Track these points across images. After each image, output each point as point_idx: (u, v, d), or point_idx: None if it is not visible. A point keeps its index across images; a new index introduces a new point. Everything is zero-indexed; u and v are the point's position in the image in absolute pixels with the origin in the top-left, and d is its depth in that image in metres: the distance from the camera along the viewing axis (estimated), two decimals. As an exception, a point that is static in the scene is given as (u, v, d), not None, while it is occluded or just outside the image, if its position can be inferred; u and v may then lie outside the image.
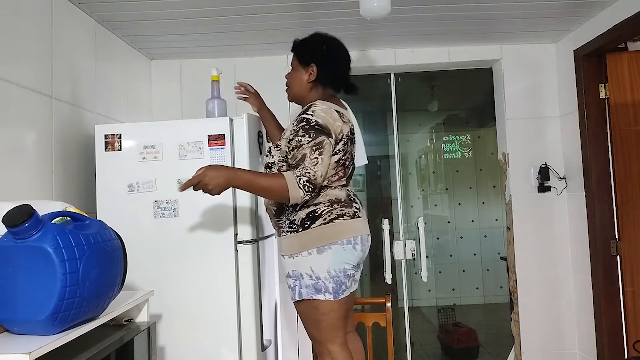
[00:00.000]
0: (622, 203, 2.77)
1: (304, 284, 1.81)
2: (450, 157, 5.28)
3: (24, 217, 1.17)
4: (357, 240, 1.83)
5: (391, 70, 3.34)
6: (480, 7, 2.57)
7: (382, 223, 3.27)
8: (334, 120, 1.82)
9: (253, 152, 2.25)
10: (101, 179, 2.21)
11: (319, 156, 1.75)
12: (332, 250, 1.79)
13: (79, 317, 1.26)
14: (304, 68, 1.97)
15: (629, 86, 2.79)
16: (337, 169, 1.86)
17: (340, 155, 1.85)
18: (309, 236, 1.80)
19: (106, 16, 2.49)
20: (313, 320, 1.84)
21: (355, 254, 1.83)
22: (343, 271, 1.80)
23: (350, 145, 1.90)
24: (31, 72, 1.99)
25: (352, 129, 1.93)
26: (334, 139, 1.81)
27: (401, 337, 3.37)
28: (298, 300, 1.85)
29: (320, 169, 1.74)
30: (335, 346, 1.82)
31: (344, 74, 2.01)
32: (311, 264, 1.79)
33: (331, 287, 1.78)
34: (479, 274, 5.29)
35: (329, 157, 1.79)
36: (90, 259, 1.26)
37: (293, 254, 1.83)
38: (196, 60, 3.19)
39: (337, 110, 1.87)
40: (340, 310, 1.82)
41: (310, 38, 2.01)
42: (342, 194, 1.87)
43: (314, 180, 1.73)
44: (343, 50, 2.00)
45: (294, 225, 1.83)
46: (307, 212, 1.82)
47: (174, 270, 2.15)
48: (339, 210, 1.82)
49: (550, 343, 3.11)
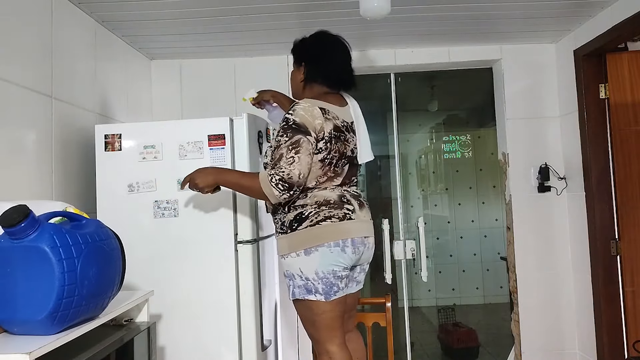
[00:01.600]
0: (622, 203, 2.77)
1: (296, 284, 1.82)
2: (450, 157, 5.28)
3: (20, 217, 1.17)
4: (347, 242, 1.80)
5: (391, 70, 3.34)
6: (480, 7, 2.56)
7: (382, 223, 3.27)
8: (313, 118, 1.79)
9: (253, 152, 2.25)
10: (101, 179, 2.20)
11: (295, 155, 1.74)
12: (319, 252, 1.78)
13: (78, 317, 1.26)
14: (298, 68, 2.00)
15: (629, 86, 2.78)
16: (324, 169, 1.83)
17: (323, 154, 1.81)
18: (296, 238, 1.80)
19: (106, 16, 2.49)
20: (309, 320, 1.85)
21: (345, 256, 1.80)
22: (332, 273, 1.78)
23: (335, 143, 1.83)
24: (31, 72, 1.99)
25: (339, 126, 1.86)
26: (313, 137, 1.78)
27: (401, 337, 3.37)
28: (294, 300, 1.87)
29: (297, 167, 1.73)
30: (334, 346, 1.82)
31: (337, 70, 1.97)
32: (300, 265, 1.80)
33: (321, 288, 1.78)
34: (479, 274, 5.29)
35: (309, 156, 1.76)
36: (88, 258, 1.26)
37: (284, 254, 1.85)
38: (196, 60, 3.19)
39: (322, 107, 1.83)
40: (334, 311, 1.81)
41: (306, 38, 2.02)
42: (332, 195, 1.83)
43: (288, 179, 1.72)
44: (337, 46, 1.98)
45: (284, 226, 1.84)
46: (294, 214, 1.82)
47: (174, 270, 2.15)
48: (327, 212, 1.80)
49: (550, 343, 3.11)
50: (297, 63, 2.01)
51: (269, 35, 2.83)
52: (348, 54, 2.00)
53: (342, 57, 1.99)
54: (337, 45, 1.98)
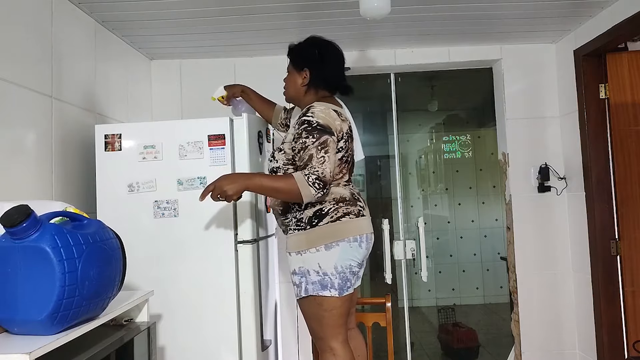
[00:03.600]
0: (622, 203, 2.77)
1: (311, 280, 1.86)
2: (450, 157, 5.28)
3: (22, 217, 1.17)
4: (363, 238, 1.89)
5: (391, 70, 3.34)
6: (480, 7, 2.56)
7: (382, 223, 3.27)
8: (333, 119, 1.88)
9: (253, 152, 2.25)
10: (101, 179, 2.21)
11: (325, 154, 1.81)
12: (340, 247, 1.84)
13: (78, 317, 1.26)
14: (298, 72, 2.04)
15: (629, 86, 2.78)
16: (341, 167, 1.93)
17: (342, 152, 1.92)
18: (317, 234, 1.85)
19: (106, 16, 2.49)
20: (316, 317, 1.88)
21: (360, 252, 1.89)
22: (349, 267, 1.86)
23: (350, 142, 1.97)
24: (31, 72, 1.98)
25: (350, 126, 2.00)
26: (336, 137, 1.87)
27: (401, 337, 3.37)
28: (303, 297, 1.89)
29: (328, 166, 1.81)
30: (337, 343, 1.86)
31: (337, 76, 2.05)
32: (319, 260, 1.85)
33: (337, 283, 1.84)
34: (479, 274, 5.29)
35: (335, 155, 1.86)
36: (88, 258, 1.26)
37: (301, 250, 1.88)
38: (196, 60, 3.19)
39: (334, 109, 1.92)
40: (343, 307, 1.87)
41: (304, 43, 2.07)
42: (346, 193, 1.93)
43: (323, 178, 1.79)
44: (336, 52, 2.05)
45: (302, 223, 1.89)
46: (314, 211, 1.87)
47: (174, 270, 2.15)
48: (345, 208, 1.88)
49: (550, 343, 3.11)
50: (298, 67, 2.04)
51: (269, 35, 2.83)
52: (344, 61, 2.08)
53: (342, 63, 2.07)
54: (337, 51, 2.05)
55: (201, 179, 2.15)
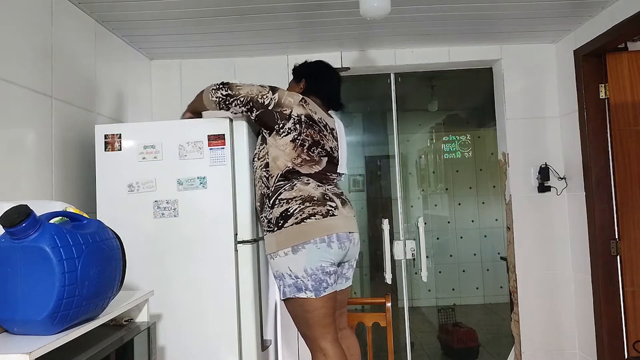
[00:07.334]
0: (622, 203, 2.77)
1: (286, 283, 1.89)
2: (450, 157, 5.28)
3: (21, 217, 1.17)
4: (332, 238, 1.88)
5: (391, 70, 3.34)
6: (480, 7, 2.56)
7: (382, 223, 3.27)
8: (290, 96, 1.99)
9: (253, 152, 2.25)
10: (101, 179, 2.20)
11: (251, 85, 2.02)
12: (306, 249, 1.85)
13: (78, 317, 1.26)
14: (297, 84, 2.24)
15: (629, 86, 2.78)
16: (296, 150, 1.96)
17: (293, 134, 1.96)
18: (284, 235, 1.88)
19: (106, 16, 2.49)
20: (301, 319, 1.91)
21: (332, 252, 1.88)
22: (320, 269, 1.86)
23: (307, 129, 1.99)
24: (31, 72, 1.98)
25: (314, 117, 2.03)
26: (275, 99, 1.98)
27: (401, 337, 3.37)
28: (284, 300, 1.93)
29: (243, 85, 2.01)
30: (326, 343, 1.87)
31: (331, 90, 2.22)
32: (289, 264, 1.88)
33: (310, 285, 1.85)
34: (479, 274, 5.29)
35: (258, 95, 1.99)
36: (88, 258, 1.26)
37: (272, 253, 1.93)
38: (196, 60, 3.20)
39: (304, 98, 2.02)
40: (326, 307, 1.87)
41: (306, 62, 2.30)
42: (316, 193, 1.94)
43: (227, 83, 2.02)
44: (330, 70, 2.27)
45: (271, 224, 1.93)
46: (280, 211, 1.90)
47: (174, 270, 2.15)
48: (311, 209, 1.89)
49: (550, 343, 3.11)
50: (297, 79, 2.25)
51: (269, 35, 2.83)
52: (340, 82, 2.28)
53: (336, 81, 2.26)
54: (331, 70, 2.28)
55: (201, 179, 2.15)
